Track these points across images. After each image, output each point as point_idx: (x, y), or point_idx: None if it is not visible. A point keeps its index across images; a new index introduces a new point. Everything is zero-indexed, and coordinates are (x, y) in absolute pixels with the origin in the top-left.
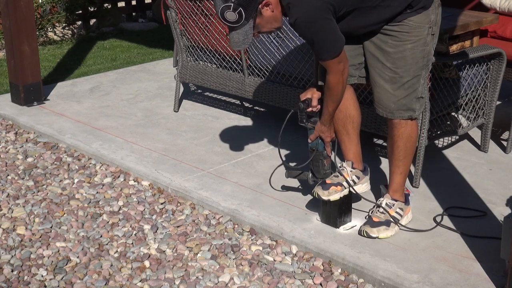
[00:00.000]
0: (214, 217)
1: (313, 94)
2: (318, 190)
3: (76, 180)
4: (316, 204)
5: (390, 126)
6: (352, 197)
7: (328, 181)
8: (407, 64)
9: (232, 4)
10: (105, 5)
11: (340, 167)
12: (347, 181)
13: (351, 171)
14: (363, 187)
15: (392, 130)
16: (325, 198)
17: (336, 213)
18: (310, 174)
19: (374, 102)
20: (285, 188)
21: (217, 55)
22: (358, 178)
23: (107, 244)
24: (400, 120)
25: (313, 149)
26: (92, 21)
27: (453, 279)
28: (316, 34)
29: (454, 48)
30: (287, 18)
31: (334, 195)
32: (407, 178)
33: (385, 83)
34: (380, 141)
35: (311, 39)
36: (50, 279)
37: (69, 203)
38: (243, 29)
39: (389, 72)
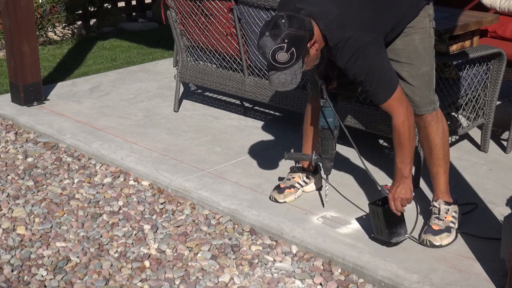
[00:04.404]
0: (214, 217)
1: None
2: (275, 195)
3: (76, 180)
4: (316, 204)
5: (423, 125)
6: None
7: (282, 185)
8: (420, 55)
9: (286, 45)
10: (105, 5)
11: (290, 171)
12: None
13: (301, 173)
14: (311, 186)
15: (427, 129)
16: (281, 200)
17: (384, 225)
18: (314, 155)
19: None
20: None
21: (217, 55)
22: (309, 178)
23: (107, 244)
24: (429, 116)
25: (324, 127)
26: (92, 21)
27: (453, 279)
28: (372, 71)
29: (454, 48)
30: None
31: (289, 197)
32: None
33: (406, 77)
34: (380, 141)
35: (365, 78)
36: (50, 279)
37: (69, 203)
38: (291, 69)
39: (406, 66)
